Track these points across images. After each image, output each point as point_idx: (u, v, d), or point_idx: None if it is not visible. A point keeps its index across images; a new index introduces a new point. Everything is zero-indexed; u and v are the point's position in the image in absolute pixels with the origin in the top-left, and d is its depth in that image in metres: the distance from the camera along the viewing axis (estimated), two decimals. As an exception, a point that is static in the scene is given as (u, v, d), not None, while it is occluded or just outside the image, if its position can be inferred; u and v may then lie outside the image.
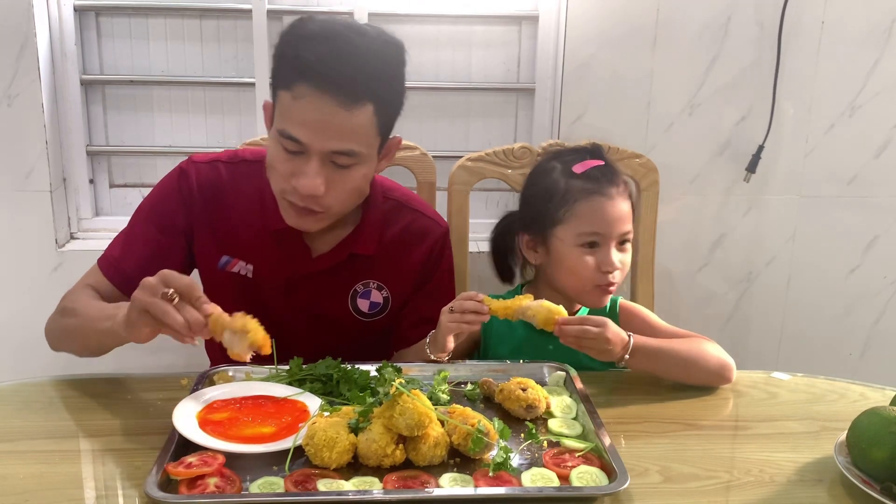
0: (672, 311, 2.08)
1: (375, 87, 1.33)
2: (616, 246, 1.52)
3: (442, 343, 1.40)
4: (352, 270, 1.54)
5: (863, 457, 1.11)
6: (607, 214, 1.51)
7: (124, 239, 1.54)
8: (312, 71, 1.29)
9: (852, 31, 2.07)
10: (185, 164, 1.54)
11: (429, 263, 1.58)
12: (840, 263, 2.24)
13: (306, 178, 1.34)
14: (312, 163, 1.34)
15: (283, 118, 1.34)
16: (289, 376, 1.34)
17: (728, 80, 2.08)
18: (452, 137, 2.22)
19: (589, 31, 2.04)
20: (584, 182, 1.53)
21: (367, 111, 1.33)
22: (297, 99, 1.31)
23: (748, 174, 2.12)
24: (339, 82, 1.29)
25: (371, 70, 1.33)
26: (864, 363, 2.31)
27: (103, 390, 1.37)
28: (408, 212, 1.57)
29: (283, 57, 1.35)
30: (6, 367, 2.10)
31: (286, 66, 1.34)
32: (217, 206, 1.51)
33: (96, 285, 1.50)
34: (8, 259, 2.07)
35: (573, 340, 1.35)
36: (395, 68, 1.38)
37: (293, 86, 1.31)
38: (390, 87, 1.37)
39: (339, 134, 1.32)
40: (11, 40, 1.95)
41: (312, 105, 1.30)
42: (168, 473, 1.07)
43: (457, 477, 1.10)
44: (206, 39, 2.14)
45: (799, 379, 1.48)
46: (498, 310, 1.38)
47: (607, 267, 1.50)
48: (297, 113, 1.32)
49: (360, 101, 1.31)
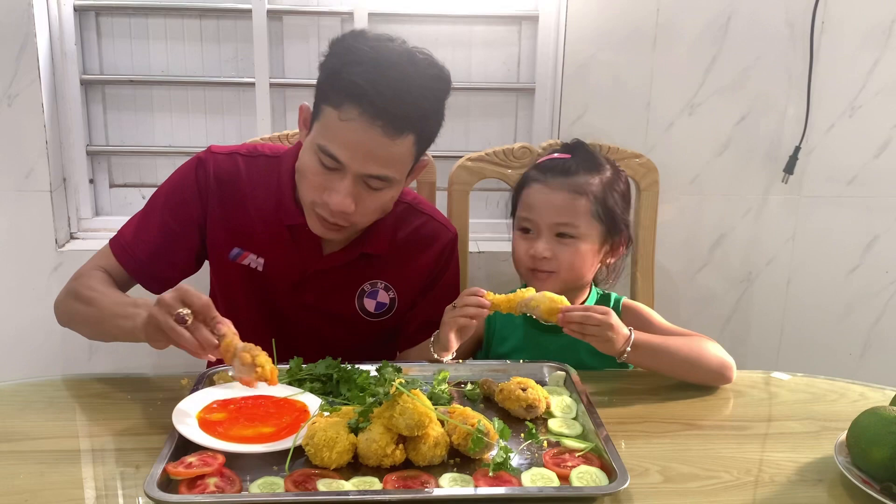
0: (672, 310, 2.08)
1: (421, 120, 1.37)
2: (553, 237, 1.55)
3: (444, 340, 1.41)
4: (361, 269, 1.55)
5: (863, 457, 1.11)
6: (540, 203, 1.56)
7: (138, 223, 1.55)
8: (365, 98, 1.30)
9: (853, 31, 2.07)
10: (203, 154, 1.55)
11: (437, 267, 1.60)
12: (840, 263, 2.24)
13: (339, 195, 1.36)
14: (346, 181, 1.36)
15: (325, 135, 1.36)
16: (289, 376, 1.34)
17: (728, 80, 2.08)
18: (452, 137, 2.22)
19: (589, 31, 2.04)
20: (535, 171, 1.61)
21: (408, 142, 1.36)
22: (343, 120, 1.32)
23: (786, 175, 2.12)
24: (389, 113, 1.31)
25: (420, 104, 1.36)
26: (864, 363, 2.31)
27: (103, 390, 1.37)
28: (418, 215, 1.59)
29: (335, 74, 1.35)
30: (6, 367, 2.10)
31: (336, 84, 1.34)
32: (232, 198, 1.52)
33: (108, 268, 1.52)
34: (8, 259, 2.07)
35: (577, 328, 1.36)
36: (440, 102, 1.41)
37: (342, 107, 1.32)
38: (434, 119, 1.41)
39: (379, 160, 1.35)
40: (11, 40, 1.95)
41: (358, 130, 1.32)
42: (168, 473, 1.07)
43: (457, 477, 1.10)
44: (206, 39, 2.14)
45: (799, 379, 1.49)
46: (500, 303, 1.39)
47: (533, 253, 1.54)
48: (341, 134, 1.33)
49: (405, 132, 1.34)
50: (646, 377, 1.45)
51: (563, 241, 1.55)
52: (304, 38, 2.14)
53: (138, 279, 1.54)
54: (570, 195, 1.55)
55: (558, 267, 1.55)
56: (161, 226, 1.52)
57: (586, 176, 1.57)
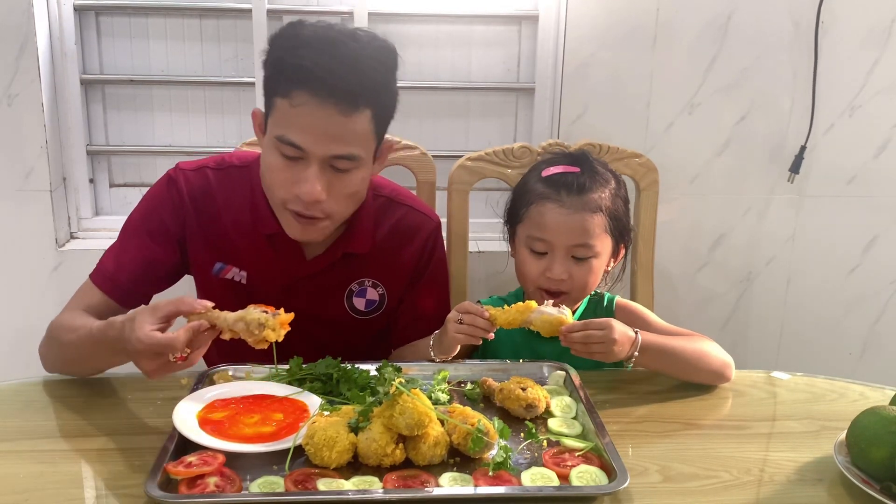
0: (672, 311, 2.08)
1: (373, 93, 1.34)
2: (569, 258, 1.50)
3: (448, 348, 1.41)
4: (346, 270, 1.54)
5: (862, 456, 1.12)
6: (554, 223, 1.50)
7: (117, 252, 1.51)
8: (313, 78, 1.29)
9: (852, 31, 2.07)
10: (172, 172, 1.53)
11: (422, 258, 1.58)
12: (840, 263, 2.24)
13: (308, 183, 1.34)
14: (312, 168, 1.34)
15: (281, 125, 1.34)
16: (289, 376, 1.34)
17: (728, 79, 2.08)
18: (452, 137, 2.22)
19: (589, 31, 2.04)
20: (544, 186, 1.54)
21: (365, 116, 1.34)
22: (296, 106, 1.31)
23: (791, 175, 2.12)
24: (340, 89, 1.29)
25: (369, 76, 1.33)
26: (864, 363, 2.31)
27: (103, 390, 1.37)
28: (398, 207, 1.57)
29: (279, 64, 1.34)
30: (6, 367, 2.10)
31: (282, 73, 1.33)
32: (208, 212, 1.50)
33: (91, 304, 1.46)
34: (8, 259, 2.07)
35: (581, 347, 1.34)
36: (390, 73, 1.38)
37: (292, 93, 1.30)
38: (386, 92, 1.38)
39: (339, 139, 1.33)
40: (11, 40, 1.95)
41: (313, 112, 1.30)
42: (168, 473, 1.07)
43: (457, 476, 1.10)
44: (206, 39, 2.14)
45: (799, 378, 1.48)
46: (500, 319, 1.38)
47: (549, 275, 1.50)
48: (297, 120, 1.31)
49: (359, 107, 1.32)
50: (645, 377, 1.45)
51: (579, 262, 1.51)
52: (304, 38, 2.14)
53: (125, 306, 1.47)
54: (589, 215, 1.50)
55: (572, 287, 1.51)
56: (140, 250, 1.49)
57: (599, 190, 1.53)
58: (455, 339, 1.39)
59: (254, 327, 1.23)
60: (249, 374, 1.37)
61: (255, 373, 1.37)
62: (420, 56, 2.16)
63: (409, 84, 2.15)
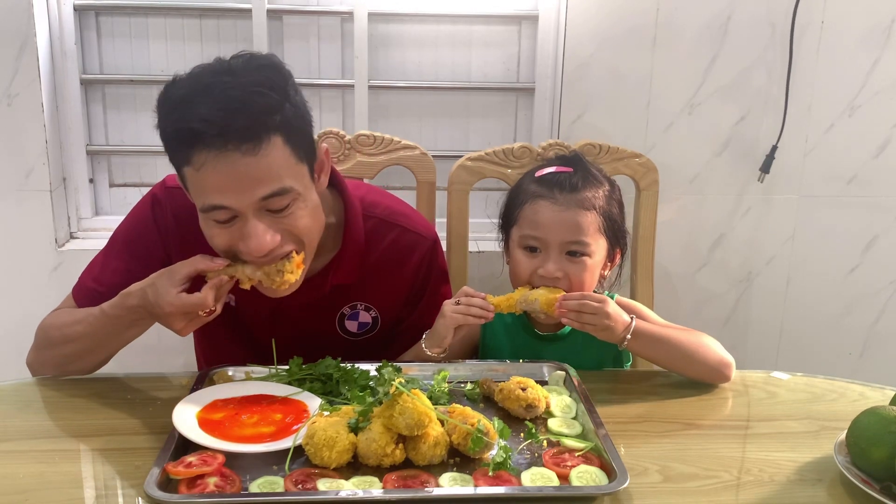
0: (671, 310, 2.07)
1: (270, 118, 1.23)
2: (563, 255, 1.49)
3: (441, 334, 1.40)
4: (336, 296, 1.50)
5: (862, 456, 1.12)
6: (548, 220, 1.49)
7: (100, 269, 1.48)
8: (199, 133, 1.20)
9: (852, 31, 2.07)
10: (157, 191, 1.49)
11: (418, 278, 1.55)
12: (839, 263, 2.24)
13: (254, 239, 1.26)
14: (250, 221, 1.26)
15: (199, 194, 1.26)
16: (289, 376, 1.34)
17: (728, 79, 2.08)
18: (452, 137, 2.22)
19: (589, 31, 2.04)
20: (537, 186, 1.53)
21: (275, 144, 1.23)
22: (200, 169, 1.22)
23: (762, 174, 2.12)
24: (232, 130, 1.20)
25: (257, 103, 1.22)
26: (864, 363, 2.31)
27: (103, 390, 1.37)
28: (391, 229, 1.51)
29: (165, 135, 1.27)
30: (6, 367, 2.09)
31: (171, 142, 1.26)
32: (193, 234, 1.39)
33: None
34: (8, 259, 2.07)
35: (574, 316, 1.37)
36: (282, 89, 1.26)
37: (191, 158, 1.22)
38: (289, 109, 1.26)
39: (259, 180, 1.23)
40: (11, 40, 1.95)
41: (218, 166, 1.21)
42: (168, 473, 1.07)
43: (456, 476, 1.10)
44: (206, 39, 2.14)
45: (798, 378, 1.49)
46: (500, 304, 1.39)
47: (542, 272, 1.48)
48: (207, 181, 1.23)
49: (262, 138, 1.22)
50: (645, 377, 1.45)
51: (573, 260, 1.50)
52: (304, 38, 2.14)
53: None
54: (581, 212, 1.49)
55: (568, 286, 1.49)
56: (125, 271, 1.44)
57: (592, 190, 1.53)
58: (452, 319, 1.38)
59: (273, 273, 1.29)
60: (249, 375, 1.37)
61: (255, 373, 1.37)
62: (420, 56, 2.15)
63: (409, 84, 2.15)
